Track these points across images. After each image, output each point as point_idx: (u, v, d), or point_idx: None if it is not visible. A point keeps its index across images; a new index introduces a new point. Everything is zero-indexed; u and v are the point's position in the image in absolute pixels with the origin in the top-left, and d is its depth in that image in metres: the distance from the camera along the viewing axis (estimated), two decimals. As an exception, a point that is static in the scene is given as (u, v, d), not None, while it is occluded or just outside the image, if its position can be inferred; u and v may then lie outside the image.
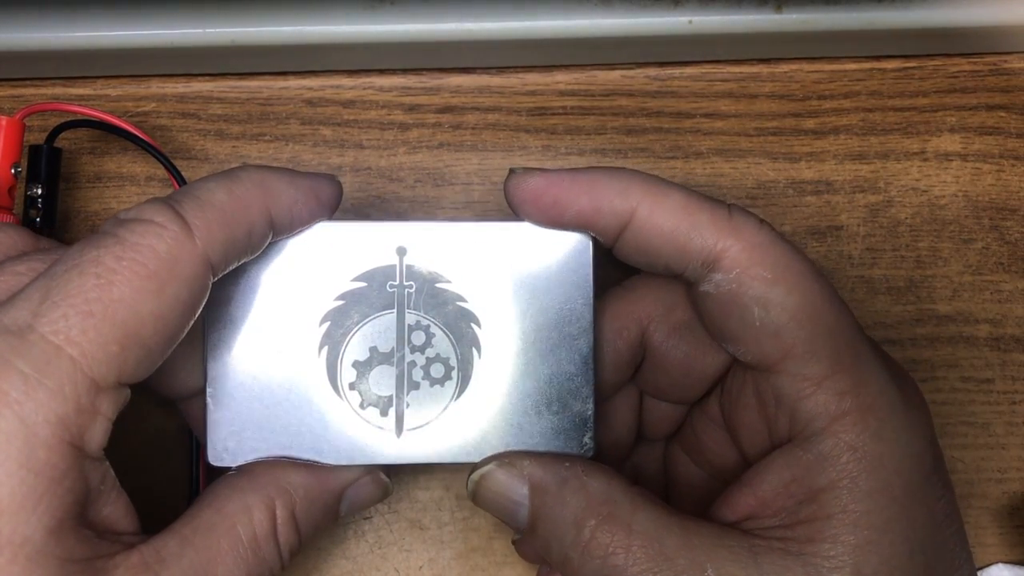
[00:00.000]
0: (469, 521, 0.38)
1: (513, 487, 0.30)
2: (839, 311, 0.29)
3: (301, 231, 0.30)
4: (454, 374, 0.31)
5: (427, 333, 0.31)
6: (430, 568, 0.38)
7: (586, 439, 0.31)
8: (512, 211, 0.31)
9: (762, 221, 0.29)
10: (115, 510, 0.26)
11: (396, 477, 0.38)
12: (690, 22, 0.38)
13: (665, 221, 0.29)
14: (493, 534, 0.38)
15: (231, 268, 0.28)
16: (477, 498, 0.30)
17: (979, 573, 0.39)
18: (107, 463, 0.26)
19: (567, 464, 0.29)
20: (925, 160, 0.41)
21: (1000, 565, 0.39)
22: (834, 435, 0.27)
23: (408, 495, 0.38)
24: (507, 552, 0.38)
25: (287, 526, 0.29)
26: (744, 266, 0.28)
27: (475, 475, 0.30)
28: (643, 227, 0.29)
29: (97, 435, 0.24)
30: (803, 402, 0.28)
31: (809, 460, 0.27)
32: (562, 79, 0.41)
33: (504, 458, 0.30)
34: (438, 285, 0.31)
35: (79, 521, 0.24)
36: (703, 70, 0.41)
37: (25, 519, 0.23)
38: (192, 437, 0.34)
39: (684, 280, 0.30)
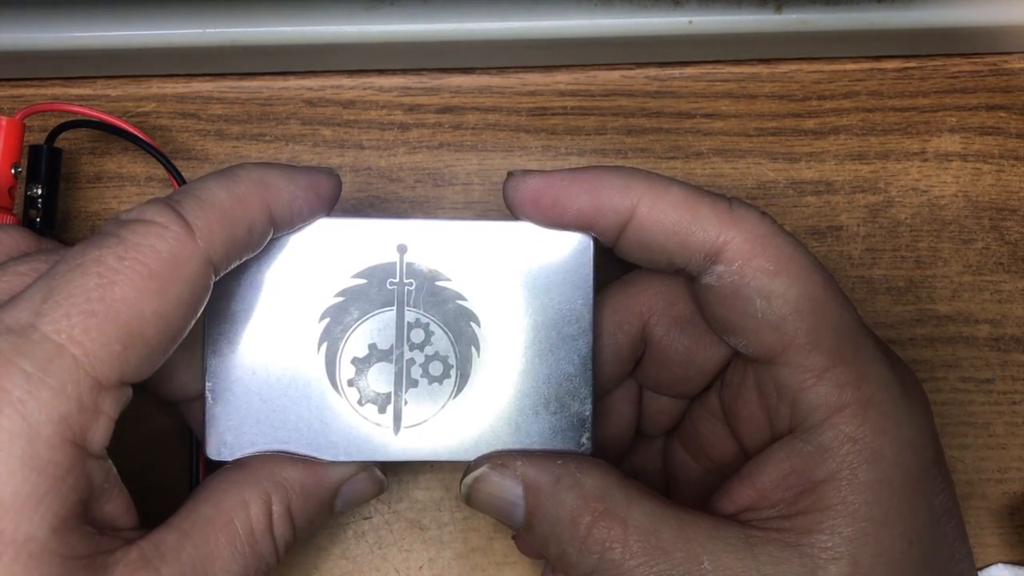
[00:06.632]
0: (469, 521, 0.38)
1: (507, 488, 0.30)
2: (840, 303, 0.29)
3: (302, 227, 0.30)
4: (453, 372, 0.31)
5: (426, 331, 0.31)
6: (430, 568, 0.38)
7: (584, 439, 0.31)
8: (512, 214, 0.31)
9: (763, 213, 0.29)
10: (117, 507, 0.26)
11: (396, 477, 0.38)
12: (690, 22, 0.38)
13: (667, 216, 0.29)
14: (493, 534, 0.38)
15: (233, 266, 0.28)
16: (471, 500, 0.30)
17: (979, 573, 0.39)
18: (110, 461, 0.26)
19: (560, 461, 0.29)
20: (925, 160, 0.41)
21: (1000, 565, 0.39)
22: (834, 427, 0.27)
23: (408, 495, 0.38)
24: (507, 552, 0.38)
25: (283, 521, 0.29)
26: (746, 257, 0.28)
27: (468, 478, 0.30)
28: (645, 223, 0.29)
29: (100, 434, 0.24)
30: (804, 394, 0.28)
31: (809, 451, 0.28)
32: (562, 79, 0.41)
33: (496, 459, 0.30)
34: (438, 283, 0.31)
35: (82, 518, 0.24)
36: (703, 70, 0.41)
37: (28, 517, 0.23)
38: (192, 435, 0.34)
39: (686, 274, 0.30)
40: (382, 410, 0.31)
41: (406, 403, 0.31)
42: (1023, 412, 0.40)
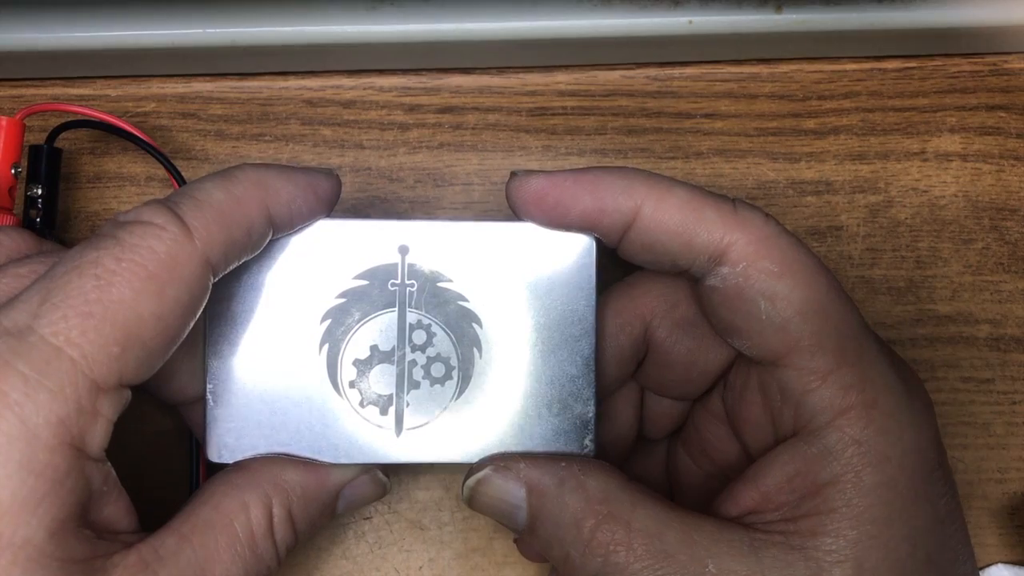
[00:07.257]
0: (469, 521, 0.38)
1: (510, 490, 0.29)
2: (844, 306, 0.29)
3: (302, 228, 0.30)
4: (455, 374, 0.31)
5: (428, 332, 0.31)
6: (430, 568, 0.38)
7: (587, 441, 0.31)
8: (514, 214, 0.31)
9: (767, 215, 0.29)
10: (116, 510, 0.26)
11: (396, 477, 0.38)
12: (690, 22, 0.38)
13: (671, 217, 0.29)
14: (493, 534, 0.38)
15: (231, 268, 0.28)
16: (474, 503, 0.30)
17: (979, 573, 0.39)
18: (109, 464, 0.26)
19: (563, 464, 0.29)
20: (925, 160, 0.41)
21: (1000, 565, 0.39)
22: (839, 429, 0.27)
23: (408, 495, 0.38)
24: (507, 552, 0.38)
25: (284, 524, 0.29)
26: (751, 259, 0.28)
27: (470, 480, 0.30)
28: (648, 224, 0.29)
29: (98, 436, 0.24)
30: (808, 396, 0.28)
31: (813, 454, 0.27)
32: (562, 79, 0.41)
33: (499, 461, 0.30)
34: (440, 284, 0.31)
35: (80, 522, 0.24)
36: (703, 70, 0.41)
37: (26, 521, 0.23)
38: (192, 437, 0.34)
39: (689, 276, 0.30)
40: (384, 412, 0.31)
41: (408, 405, 0.31)
42: (1023, 412, 0.40)
